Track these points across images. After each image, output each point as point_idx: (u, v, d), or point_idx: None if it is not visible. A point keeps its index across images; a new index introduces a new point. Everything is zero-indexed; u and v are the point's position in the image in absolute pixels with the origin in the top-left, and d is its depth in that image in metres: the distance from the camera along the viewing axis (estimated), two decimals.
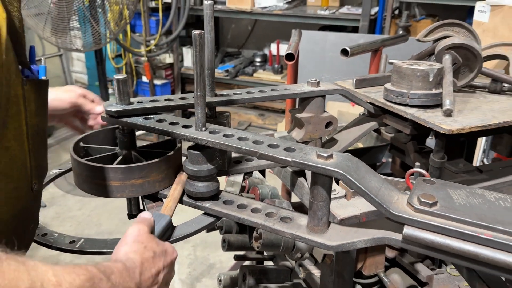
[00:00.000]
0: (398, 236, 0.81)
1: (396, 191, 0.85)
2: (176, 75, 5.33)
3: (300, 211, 0.96)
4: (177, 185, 1.01)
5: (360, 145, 1.69)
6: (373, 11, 4.33)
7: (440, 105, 1.17)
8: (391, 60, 1.36)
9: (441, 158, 1.26)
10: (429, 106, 1.19)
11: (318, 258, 1.17)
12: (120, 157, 1.04)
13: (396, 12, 4.70)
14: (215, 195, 1.00)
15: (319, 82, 1.22)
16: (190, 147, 0.96)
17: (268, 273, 1.40)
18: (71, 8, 3.08)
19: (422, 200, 0.78)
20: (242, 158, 1.21)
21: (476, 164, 1.65)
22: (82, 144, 1.09)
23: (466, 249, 0.74)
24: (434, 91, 1.19)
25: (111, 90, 4.63)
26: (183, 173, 1.02)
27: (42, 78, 0.81)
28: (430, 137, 1.49)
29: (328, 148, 1.16)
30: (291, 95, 1.18)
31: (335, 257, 1.14)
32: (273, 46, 5.21)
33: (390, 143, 1.55)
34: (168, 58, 5.20)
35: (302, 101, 1.23)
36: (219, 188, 1.02)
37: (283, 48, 5.09)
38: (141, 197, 1.06)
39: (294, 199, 1.58)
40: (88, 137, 1.11)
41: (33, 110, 0.77)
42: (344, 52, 1.78)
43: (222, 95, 1.13)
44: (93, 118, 1.32)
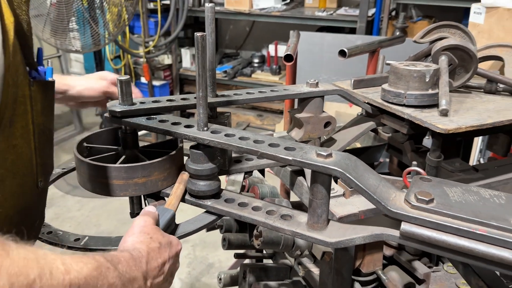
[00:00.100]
0: (396, 233, 0.83)
1: (394, 189, 0.87)
2: (175, 76, 5.35)
3: (299, 210, 0.98)
4: (179, 184, 1.03)
5: (358, 145, 1.71)
6: (370, 13, 4.36)
7: (437, 105, 1.19)
8: (388, 61, 1.38)
9: (438, 157, 1.28)
10: (426, 106, 1.21)
11: (317, 256, 1.18)
12: (123, 157, 1.06)
13: (393, 14, 4.72)
14: (217, 194, 1.02)
15: (318, 83, 1.24)
16: (192, 147, 0.98)
17: (268, 271, 1.42)
18: (70, 10, 3.10)
19: (419, 197, 0.81)
20: (242, 158, 1.23)
21: (473, 164, 1.67)
22: (86, 144, 1.11)
23: (462, 245, 0.76)
24: (431, 92, 1.21)
25: None
26: (185, 173, 1.04)
27: (49, 79, 0.83)
28: (427, 137, 1.51)
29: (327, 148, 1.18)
30: (291, 96, 1.20)
31: (334, 255, 1.16)
32: (271, 47, 5.23)
33: (388, 143, 1.57)
34: (167, 59, 5.22)
35: (301, 102, 1.25)
36: (220, 187, 1.04)
37: (281, 49, 5.10)
38: (144, 196, 1.08)
39: (293, 199, 1.60)
40: (91, 137, 1.13)
41: (39, 110, 0.79)
42: (342, 53, 1.80)
43: (223, 96, 1.15)
44: None
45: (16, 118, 0.73)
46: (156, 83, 5.15)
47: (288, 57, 1.83)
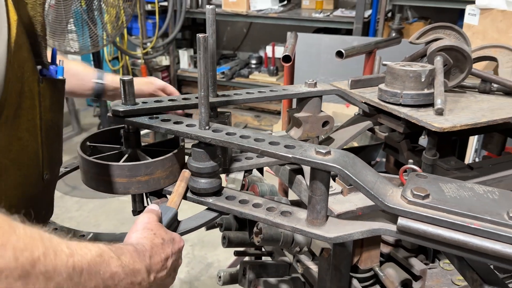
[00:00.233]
0: (393, 227, 0.85)
1: (391, 185, 0.90)
2: (173, 77, 5.37)
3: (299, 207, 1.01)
4: (181, 182, 1.05)
5: (355, 144, 1.74)
6: (367, 14, 4.39)
7: (432, 105, 1.21)
8: (385, 62, 1.40)
9: (433, 156, 1.31)
10: (422, 106, 1.23)
11: (316, 252, 1.21)
12: (126, 155, 1.08)
13: (389, 15, 4.76)
14: (218, 191, 1.04)
15: (316, 83, 1.27)
16: (194, 145, 1.00)
17: (268, 268, 1.44)
18: (69, 11, 3.11)
19: (415, 193, 0.83)
20: (242, 157, 1.25)
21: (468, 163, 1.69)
22: (89, 143, 1.13)
23: (457, 238, 0.79)
24: (426, 91, 1.23)
25: None
26: (186, 171, 1.06)
27: (59, 78, 0.86)
28: (423, 136, 1.54)
29: None
30: (290, 96, 1.23)
31: (332, 251, 1.18)
32: (269, 48, 5.25)
33: (384, 142, 1.59)
34: (165, 61, 5.24)
35: (300, 101, 1.27)
36: (221, 185, 1.06)
37: (278, 50, 5.13)
38: (146, 194, 1.10)
39: (291, 198, 1.62)
40: (94, 137, 1.15)
41: (48, 106, 0.82)
42: (339, 54, 1.82)
43: (224, 96, 1.17)
44: None
45: (22, 112, 0.75)
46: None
47: (286, 58, 1.86)
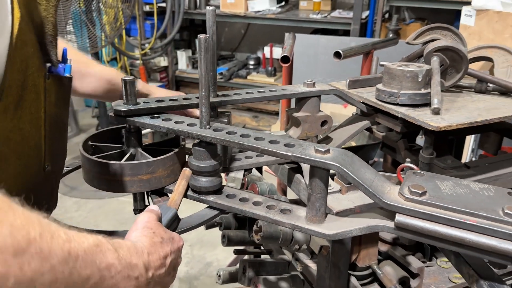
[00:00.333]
0: (391, 224, 0.87)
1: (388, 183, 0.91)
2: (171, 78, 5.38)
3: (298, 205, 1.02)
4: (182, 180, 1.06)
5: (353, 143, 1.75)
6: (364, 15, 4.42)
7: (429, 104, 1.23)
8: (382, 62, 1.41)
9: (430, 154, 1.32)
10: (418, 105, 1.25)
11: (315, 250, 1.22)
12: (128, 155, 1.10)
13: (386, 16, 4.79)
14: (218, 190, 1.06)
15: (315, 83, 1.28)
16: (195, 144, 1.02)
17: (267, 266, 1.46)
18: (68, 12, 3.12)
19: (412, 190, 0.85)
20: (242, 156, 1.27)
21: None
22: (91, 143, 1.14)
23: (453, 234, 0.80)
24: (423, 91, 1.25)
25: None
26: (187, 169, 1.08)
27: (66, 75, 0.89)
28: (420, 136, 1.55)
29: None
30: (289, 95, 1.24)
31: (331, 249, 1.19)
32: (266, 49, 5.27)
33: (382, 142, 1.61)
34: (163, 61, 5.26)
35: (299, 101, 1.29)
36: (222, 183, 1.08)
37: (276, 51, 5.15)
38: (147, 193, 1.12)
39: (289, 197, 1.64)
40: (95, 137, 1.17)
41: (53, 101, 0.84)
42: (337, 55, 1.84)
43: (224, 95, 1.19)
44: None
45: (25, 104, 0.77)
46: (153, 85, 5.17)
47: (285, 59, 1.87)
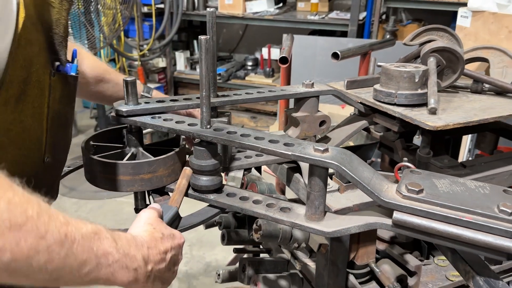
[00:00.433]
0: (388, 221, 0.89)
1: (386, 181, 0.93)
2: (169, 79, 5.39)
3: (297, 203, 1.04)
4: (182, 179, 1.08)
5: (351, 143, 1.77)
6: (361, 16, 4.44)
7: (426, 104, 1.24)
8: (380, 63, 1.42)
9: (427, 154, 1.34)
10: (415, 105, 1.26)
11: (314, 248, 1.24)
12: (129, 154, 1.11)
13: (384, 17, 4.82)
14: (219, 189, 1.07)
15: (313, 84, 1.30)
16: (196, 144, 1.03)
17: (266, 264, 1.47)
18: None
19: (410, 188, 0.87)
20: (242, 155, 1.28)
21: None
22: (92, 143, 1.15)
23: (450, 231, 0.82)
24: (420, 91, 1.26)
25: None
26: (188, 168, 1.09)
27: (72, 74, 0.92)
28: (417, 136, 1.57)
29: None
30: (288, 96, 1.26)
31: (330, 247, 1.21)
32: (264, 50, 5.29)
33: (380, 141, 1.63)
34: (161, 62, 5.27)
35: (298, 101, 1.30)
36: (222, 182, 1.09)
37: (274, 52, 5.17)
38: (148, 192, 1.13)
39: (288, 197, 1.65)
40: (96, 137, 1.18)
41: (57, 98, 0.88)
42: (335, 56, 1.86)
43: (224, 96, 1.21)
44: None
45: (27, 99, 0.80)
46: (151, 86, 5.18)
47: (283, 60, 1.89)
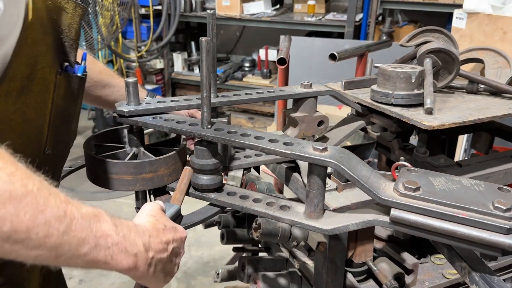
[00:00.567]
0: (386, 219, 0.91)
1: (384, 179, 0.95)
2: (167, 80, 5.41)
3: (297, 202, 1.05)
4: (183, 179, 1.09)
5: (349, 143, 1.79)
6: (358, 18, 4.47)
7: (422, 104, 1.26)
8: (377, 64, 1.44)
9: (424, 153, 1.36)
10: (412, 105, 1.28)
11: (313, 246, 1.26)
12: (131, 154, 1.13)
13: (380, 19, 4.84)
14: (219, 188, 1.09)
15: (312, 84, 1.32)
16: (197, 143, 1.05)
17: (265, 263, 1.49)
18: None
19: (407, 186, 0.89)
20: (241, 155, 1.30)
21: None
22: (94, 143, 1.17)
23: (446, 227, 0.84)
24: (416, 92, 1.28)
25: None
26: (188, 168, 1.11)
27: (77, 75, 0.96)
28: (413, 136, 1.59)
29: None
30: (287, 96, 1.28)
31: (328, 245, 1.23)
32: (262, 52, 5.31)
33: (377, 141, 1.65)
34: (159, 64, 5.28)
35: (296, 102, 1.32)
36: (222, 181, 1.11)
37: (271, 54, 5.19)
38: (149, 192, 1.14)
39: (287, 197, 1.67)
40: (97, 137, 1.20)
41: (62, 95, 0.92)
42: (333, 57, 1.88)
43: (223, 96, 1.22)
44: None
45: (30, 93, 0.84)
46: (148, 87, 5.20)
47: (281, 61, 1.91)
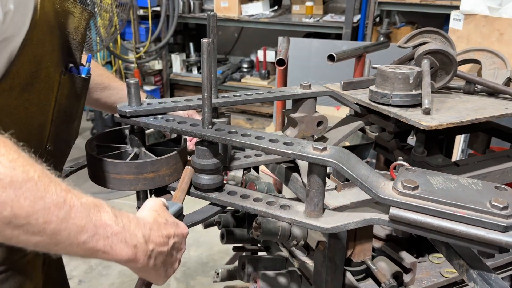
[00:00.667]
0: (385, 217, 0.92)
1: (383, 178, 0.96)
2: (165, 81, 5.41)
3: (297, 201, 1.07)
4: (184, 178, 1.10)
5: (347, 143, 1.80)
6: (356, 19, 4.49)
7: (420, 105, 1.27)
8: (375, 65, 1.45)
9: (422, 153, 1.38)
10: (410, 106, 1.29)
11: (312, 245, 1.27)
12: (132, 154, 1.14)
13: (377, 20, 4.87)
14: (220, 187, 1.10)
15: (311, 85, 1.34)
16: (198, 143, 1.06)
17: (265, 262, 1.50)
18: None
19: (405, 185, 0.90)
20: (241, 155, 1.31)
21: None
22: (95, 143, 1.18)
23: (444, 226, 0.85)
24: (414, 92, 1.30)
25: None
26: (189, 167, 1.12)
27: (81, 76, 0.99)
28: (411, 136, 1.61)
29: None
30: (286, 97, 1.29)
31: (328, 244, 1.24)
32: (260, 53, 5.33)
33: (375, 141, 1.66)
34: (157, 65, 5.29)
35: (295, 102, 1.33)
36: (223, 181, 1.12)
37: (270, 55, 5.21)
38: (150, 191, 1.15)
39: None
40: (99, 137, 1.21)
41: (65, 94, 0.94)
42: (331, 58, 1.89)
43: (224, 97, 1.24)
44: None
45: (34, 90, 0.86)
46: (147, 88, 5.21)
47: (280, 62, 1.92)
